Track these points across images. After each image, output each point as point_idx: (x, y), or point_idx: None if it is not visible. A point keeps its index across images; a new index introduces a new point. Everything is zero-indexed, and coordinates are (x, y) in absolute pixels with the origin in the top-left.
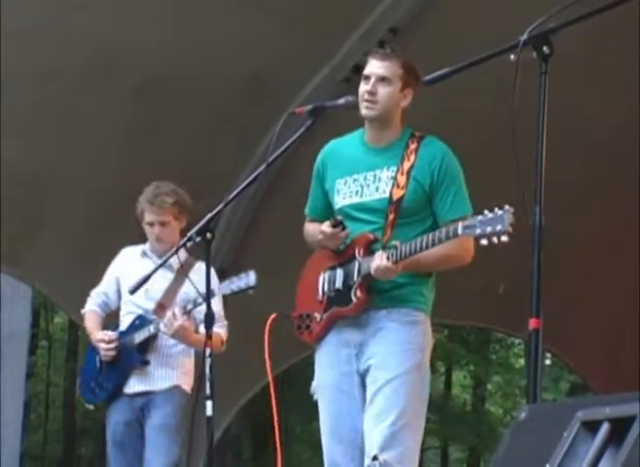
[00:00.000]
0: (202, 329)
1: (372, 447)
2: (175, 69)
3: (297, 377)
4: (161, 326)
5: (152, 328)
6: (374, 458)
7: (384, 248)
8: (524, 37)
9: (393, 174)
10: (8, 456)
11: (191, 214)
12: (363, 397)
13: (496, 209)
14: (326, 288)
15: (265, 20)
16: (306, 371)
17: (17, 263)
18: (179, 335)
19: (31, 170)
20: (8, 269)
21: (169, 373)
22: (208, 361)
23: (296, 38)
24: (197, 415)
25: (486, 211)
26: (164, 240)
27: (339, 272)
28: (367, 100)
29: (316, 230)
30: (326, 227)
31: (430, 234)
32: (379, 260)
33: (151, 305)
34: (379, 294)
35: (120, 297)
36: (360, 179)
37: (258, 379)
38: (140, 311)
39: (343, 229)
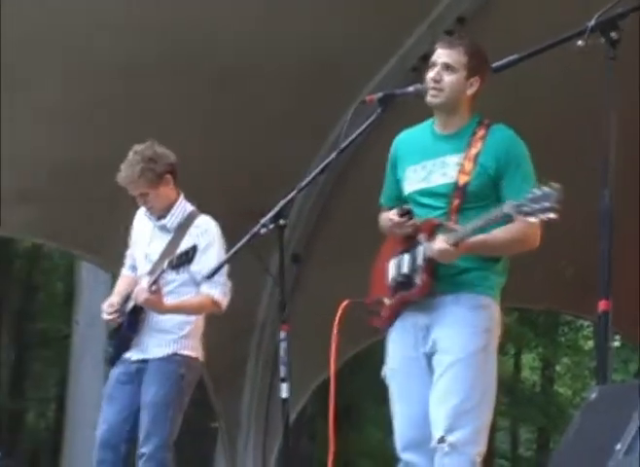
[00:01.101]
0: (204, 290)
1: (437, 428)
2: (251, 59)
3: (370, 360)
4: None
5: None
6: (441, 440)
7: (444, 232)
8: (592, 23)
9: (460, 160)
10: (91, 438)
11: (170, 169)
12: (431, 380)
13: (543, 187)
14: (394, 273)
15: (336, 11)
16: (380, 353)
17: (98, 250)
18: (148, 306)
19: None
20: (89, 257)
21: (163, 339)
22: (283, 344)
23: (366, 27)
24: (272, 398)
25: (534, 189)
26: (154, 207)
27: (406, 258)
28: (432, 88)
29: (387, 218)
30: (393, 215)
31: (483, 215)
32: (439, 243)
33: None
34: (444, 278)
35: None
36: (428, 166)
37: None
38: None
39: (410, 218)
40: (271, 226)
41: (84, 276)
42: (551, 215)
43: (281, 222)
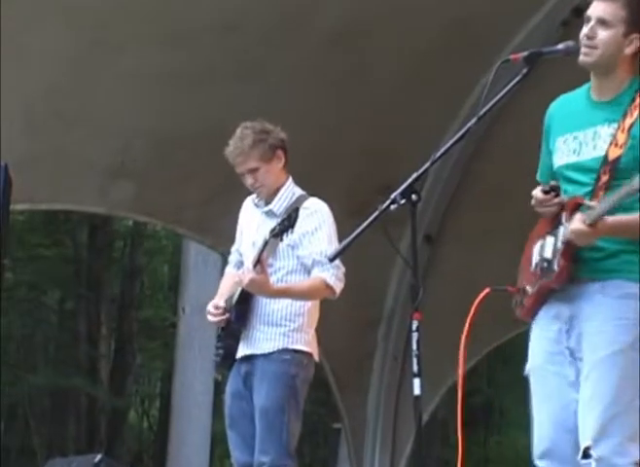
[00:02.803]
0: (315, 273)
1: (584, 436)
2: (373, 16)
3: (513, 356)
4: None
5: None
6: (586, 454)
7: (585, 211)
8: None
9: (613, 131)
10: (199, 439)
11: (282, 144)
12: (575, 375)
13: None
14: (537, 258)
15: None
16: (523, 348)
17: (207, 229)
18: (253, 289)
19: (212, 128)
20: (196, 237)
21: (272, 332)
22: (415, 335)
23: None
24: (402, 395)
25: None
26: (264, 186)
27: (549, 240)
28: (584, 45)
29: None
30: (538, 192)
31: (621, 189)
32: (575, 223)
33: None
34: (588, 263)
35: None
36: (580, 136)
37: (468, 357)
38: None
39: (557, 195)
40: (402, 201)
41: (192, 258)
42: None
43: (413, 197)
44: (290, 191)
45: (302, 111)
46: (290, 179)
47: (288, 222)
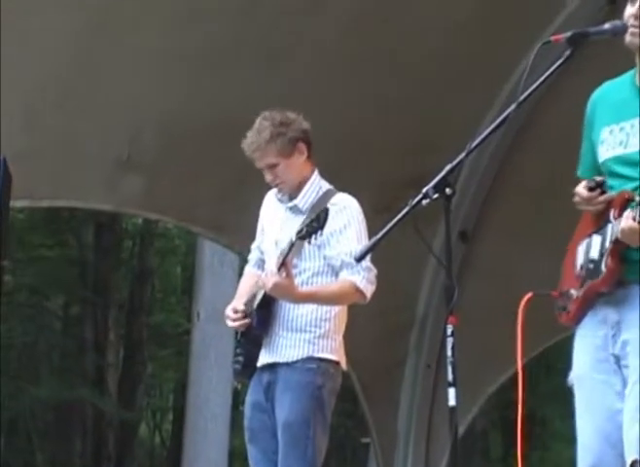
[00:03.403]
0: (344, 276)
1: (629, 449)
2: None
3: (555, 364)
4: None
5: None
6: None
7: (634, 207)
8: None
9: None
10: (215, 455)
11: (304, 136)
12: (622, 385)
13: None
14: (582, 259)
15: None
16: (566, 357)
17: (223, 227)
18: (277, 293)
19: (229, 116)
20: (211, 235)
21: (296, 338)
22: (450, 340)
23: None
24: (436, 407)
25: None
26: (285, 183)
27: (595, 240)
28: (632, 25)
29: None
30: (581, 188)
31: None
32: (624, 220)
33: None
34: (636, 264)
35: None
36: (626, 127)
37: (508, 365)
38: None
39: (603, 191)
40: (435, 196)
41: (207, 258)
42: None
43: (447, 191)
44: (316, 185)
45: (327, 99)
46: (316, 172)
47: (317, 223)
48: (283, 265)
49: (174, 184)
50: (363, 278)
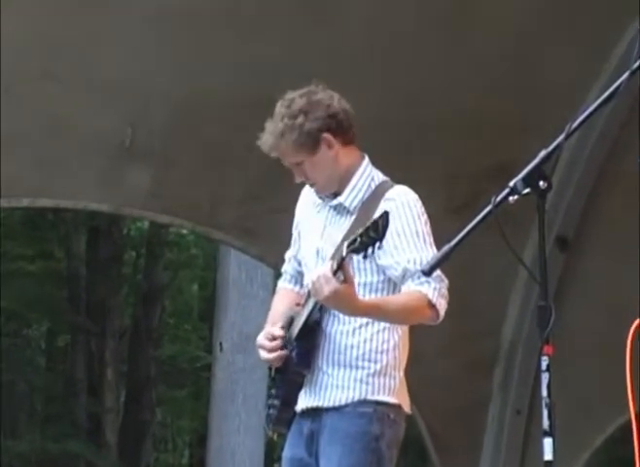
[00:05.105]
0: (411, 288)
1: None
2: None
3: None
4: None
5: (310, 305)
6: None
7: None
8: None
9: None
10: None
11: (329, 124)
12: None
13: None
14: None
15: None
16: None
17: (253, 234)
18: (334, 302)
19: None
20: (239, 244)
21: (345, 376)
22: (545, 377)
23: None
24: (529, 459)
25: None
26: (317, 184)
27: None
28: None
29: None
30: None
31: None
32: None
33: None
34: None
35: None
36: None
37: (618, 410)
38: None
39: None
40: (526, 191)
41: (232, 273)
42: None
43: (541, 185)
44: (367, 176)
45: (382, 70)
46: (365, 161)
47: (375, 233)
48: (340, 267)
49: (189, 179)
50: (435, 290)
